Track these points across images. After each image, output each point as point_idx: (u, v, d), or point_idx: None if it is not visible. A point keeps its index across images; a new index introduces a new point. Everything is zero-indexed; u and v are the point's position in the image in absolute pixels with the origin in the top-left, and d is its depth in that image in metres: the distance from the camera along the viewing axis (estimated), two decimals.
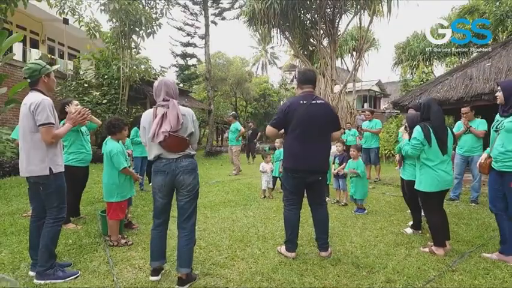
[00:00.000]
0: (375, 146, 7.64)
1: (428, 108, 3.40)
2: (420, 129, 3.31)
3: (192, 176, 2.59)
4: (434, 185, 3.31)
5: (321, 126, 3.07)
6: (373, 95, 29.96)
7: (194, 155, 2.70)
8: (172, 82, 2.68)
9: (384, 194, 6.39)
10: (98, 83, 12.05)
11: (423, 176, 3.35)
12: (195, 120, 2.70)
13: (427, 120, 3.38)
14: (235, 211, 5.00)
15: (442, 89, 7.41)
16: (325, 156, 3.15)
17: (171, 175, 2.55)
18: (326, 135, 3.16)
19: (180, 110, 2.56)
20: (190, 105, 14.99)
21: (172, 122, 2.47)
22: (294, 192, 3.15)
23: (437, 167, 3.31)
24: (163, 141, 2.48)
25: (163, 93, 2.58)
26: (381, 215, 4.81)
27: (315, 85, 3.25)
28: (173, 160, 2.55)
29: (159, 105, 2.58)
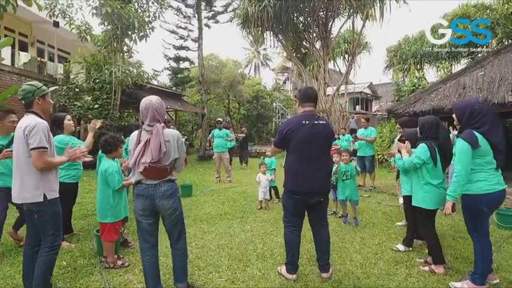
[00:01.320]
0: (370, 154, 7.66)
1: (436, 127, 3.35)
2: (426, 148, 3.29)
3: (171, 200, 2.59)
4: (438, 203, 3.33)
5: (322, 147, 3.05)
6: (365, 98, 30.18)
7: (175, 179, 2.69)
8: (158, 103, 2.61)
9: (380, 203, 6.40)
10: (89, 88, 11.83)
11: (428, 194, 3.31)
12: (181, 144, 2.65)
13: (433, 139, 3.35)
14: (233, 224, 4.94)
15: (436, 97, 7.47)
16: (326, 177, 3.12)
17: (150, 199, 2.56)
18: (327, 156, 3.14)
19: (165, 135, 2.53)
20: (183, 109, 14.89)
21: (154, 152, 2.47)
22: (295, 213, 3.10)
23: (440, 186, 3.33)
24: (143, 171, 2.48)
25: (149, 118, 2.56)
26: (378, 228, 4.80)
27: (316, 103, 3.22)
28: (152, 185, 2.56)
29: (144, 130, 2.57)
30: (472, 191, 2.75)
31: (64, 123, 4.15)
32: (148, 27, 12.10)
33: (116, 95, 11.73)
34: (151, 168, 2.48)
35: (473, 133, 2.74)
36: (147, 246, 2.68)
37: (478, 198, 2.75)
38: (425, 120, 3.48)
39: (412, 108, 7.59)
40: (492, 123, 2.77)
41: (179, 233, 2.73)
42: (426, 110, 7.32)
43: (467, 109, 2.86)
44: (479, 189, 2.73)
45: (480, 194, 2.73)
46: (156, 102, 2.58)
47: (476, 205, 2.77)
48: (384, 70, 25.38)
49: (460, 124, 2.96)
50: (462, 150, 2.73)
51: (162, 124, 2.58)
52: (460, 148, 2.75)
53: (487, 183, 2.73)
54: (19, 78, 10.62)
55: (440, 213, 5.39)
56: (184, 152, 2.70)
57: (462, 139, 2.75)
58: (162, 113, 2.63)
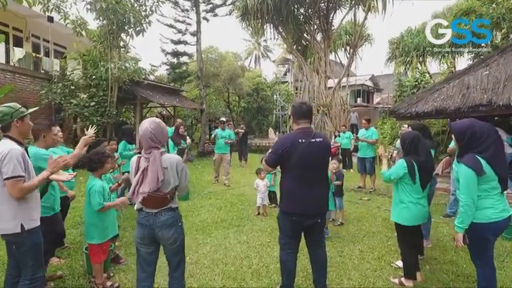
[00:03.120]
0: (371, 156, 7.50)
1: (416, 143, 3.28)
2: (404, 164, 3.19)
3: (171, 230, 2.45)
4: (413, 219, 3.28)
5: (319, 166, 2.89)
6: (367, 90, 29.87)
7: (176, 207, 2.54)
8: (153, 128, 2.40)
9: (380, 208, 6.27)
10: (85, 85, 11.63)
11: (404, 210, 3.27)
12: (182, 169, 2.47)
13: (414, 154, 3.24)
14: (228, 234, 4.82)
15: (439, 97, 7.25)
16: (324, 197, 2.97)
17: (149, 228, 2.44)
18: (325, 175, 2.98)
19: (163, 162, 2.37)
20: (182, 105, 14.68)
21: (151, 181, 2.31)
22: (291, 235, 2.96)
23: (418, 202, 3.26)
24: (142, 201, 2.35)
25: (147, 143, 2.39)
26: (378, 239, 4.67)
27: (312, 119, 3.05)
28: (152, 214, 2.43)
29: (144, 156, 2.41)
30: (478, 219, 2.58)
31: None
32: (145, 22, 11.83)
33: (113, 91, 11.54)
34: (150, 198, 2.34)
35: (477, 159, 2.53)
36: (144, 276, 2.56)
37: (484, 227, 2.58)
38: (405, 136, 3.42)
39: (414, 109, 7.39)
40: (495, 148, 2.55)
41: (178, 262, 2.60)
42: (429, 111, 7.12)
43: (467, 131, 2.62)
44: (486, 218, 2.56)
45: (487, 222, 2.56)
46: (151, 128, 2.38)
47: (483, 234, 2.61)
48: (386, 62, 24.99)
49: (459, 146, 2.73)
50: (466, 177, 2.54)
51: (162, 150, 2.43)
52: (464, 175, 2.56)
53: (494, 210, 2.56)
54: (13, 75, 10.41)
55: (443, 224, 5.30)
56: (187, 178, 2.53)
57: (465, 165, 2.55)
58: (160, 138, 2.44)
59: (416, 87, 12.45)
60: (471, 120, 2.74)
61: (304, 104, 3.05)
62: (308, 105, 3.04)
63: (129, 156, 6.25)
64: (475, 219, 2.59)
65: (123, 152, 6.19)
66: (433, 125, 10.88)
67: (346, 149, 10.78)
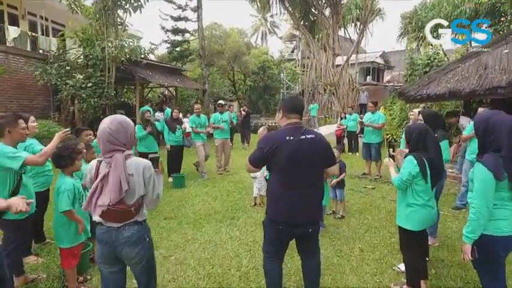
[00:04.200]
0: (377, 142, 7.06)
1: (424, 137, 2.86)
2: (415, 162, 2.78)
3: (137, 248, 2.08)
4: (422, 224, 2.91)
5: (311, 167, 2.49)
6: (377, 67, 28.82)
7: (144, 220, 2.17)
8: (118, 125, 2.03)
9: (384, 198, 5.90)
10: (82, 65, 11.24)
11: (412, 214, 2.87)
12: (150, 178, 2.08)
13: (422, 150, 2.84)
14: (221, 229, 4.54)
15: (453, 78, 6.69)
16: (317, 204, 2.60)
17: (110, 246, 2.07)
18: (318, 177, 2.60)
19: (128, 167, 2.00)
20: (183, 85, 14.22)
21: (113, 192, 1.93)
22: (276, 245, 2.63)
23: (427, 204, 2.87)
24: (101, 215, 1.98)
25: (106, 147, 2.01)
26: (381, 235, 4.33)
27: (302, 114, 2.65)
28: (114, 229, 2.06)
29: (104, 160, 2.04)
30: (488, 230, 2.19)
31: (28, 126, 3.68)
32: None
33: (110, 72, 11.16)
34: (111, 212, 1.97)
35: (498, 160, 2.13)
36: None
37: (495, 241, 2.19)
38: (412, 129, 2.98)
39: (425, 91, 6.85)
40: None
41: (147, 281, 2.24)
42: (441, 93, 6.60)
43: (480, 125, 2.24)
44: (498, 231, 2.18)
45: (498, 236, 2.18)
46: (110, 128, 2.00)
47: (493, 248, 2.23)
48: (398, 38, 23.89)
49: (478, 141, 2.33)
50: (484, 181, 2.15)
51: (127, 153, 2.04)
52: (481, 178, 2.16)
53: (508, 223, 2.18)
54: (6, 56, 10.07)
55: (452, 218, 4.92)
56: (155, 189, 2.13)
57: (484, 166, 2.16)
58: (123, 139, 2.04)
59: (428, 66, 11.72)
60: (492, 112, 2.32)
61: (296, 97, 2.71)
62: (300, 100, 2.68)
63: None
64: (484, 231, 2.22)
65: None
66: (445, 106, 10.31)
67: (352, 131, 10.33)
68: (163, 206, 5.45)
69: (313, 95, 20.16)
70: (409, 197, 2.89)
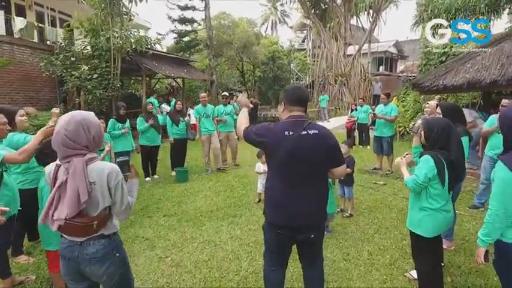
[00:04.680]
0: (389, 135, 6.70)
1: (447, 135, 2.54)
2: (432, 162, 2.48)
3: (104, 265, 1.81)
4: (436, 229, 2.62)
5: (314, 165, 2.23)
6: (390, 57, 28.01)
7: (113, 233, 1.88)
8: (76, 125, 1.70)
9: (396, 195, 5.59)
10: (87, 56, 11.09)
11: (426, 218, 2.58)
12: (118, 185, 1.78)
13: (442, 149, 2.53)
14: (221, 228, 4.32)
15: (473, 67, 6.26)
16: (320, 206, 2.34)
17: (73, 262, 1.80)
18: (322, 177, 2.33)
19: (89, 173, 1.69)
20: (190, 76, 13.97)
21: (70, 204, 1.65)
22: (276, 251, 2.39)
23: (443, 208, 2.57)
24: (59, 229, 1.72)
25: (62, 150, 1.71)
26: (391, 236, 4.05)
27: (306, 107, 2.37)
28: (76, 243, 1.79)
29: (63, 166, 1.74)
30: (506, 237, 1.94)
31: (16, 120, 3.51)
32: None
33: (116, 63, 10.98)
34: (70, 226, 1.70)
35: None
36: None
37: None
38: (433, 124, 2.62)
39: (442, 81, 6.44)
40: None
41: None
42: (459, 84, 6.19)
43: (507, 120, 2.01)
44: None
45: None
46: (66, 130, 1.69)
47: (509, 256, 1.97)
48: (412, 26, 23.06)
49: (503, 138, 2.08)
50: (504, 181, 1.89)
51: (89, 156, 1.73)
52: (501, 178, 1.91)
53: None
54: (11, 47, 9.97)
55: (469, 218, 4.60)
56: (124, 198, 1.82)
57: (505, 165, 1.90)
58: (84, 140, 1.73)
59: (445, 55, 11.17)
60: None
61: (299, 88, 2.38)
62: (303, 90, 2.37)
63: (118, 136, 5.80)
64: (504, 238, 2.00)
65: (111, 131, 5.72)
66: (461, 98, 9.82)
67: (363, 124, 9.96)
68: (164, 202, 5.28)
69: (323, 86, 19.68)
70: (423, 200, 2.60)
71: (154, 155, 6.80)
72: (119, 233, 1.95)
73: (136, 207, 5.02)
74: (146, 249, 3.72)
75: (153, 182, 6.47)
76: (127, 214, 1.91)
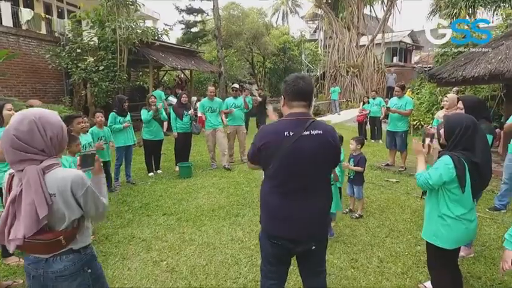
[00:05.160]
0: (403, 130, 6.34)
1: (472, 134, 2.22)
2: (451, 164, 2.17)
3: (73, 283, 1.59)
4: (456, 241, 2.32)
5: (316, 170, 1.96)
6: (404, 47, 27.16)
7: (83, 247, 1.65)
8: (30, 125, 1.45)
9: (409, 194, 5.26)
10: (93, 47, 10.93)
11: (445, 228, 2.29)
12: (86, 193, 1.53)
13: (465, 150, 2.22)
14: (222, 228, 4.10)
15: (495, 58, 5.81)
16: (323, 215, 2.07)
17: (38, 280, 1.58)
18: (325, 183, 2.07)
19: (47, 184, 1.44)
20: (198, 67, 13.71)
21: (28, 222, 1.40)
22: (274, 263, 2.14)
23: (465, 217, 2.27)
24: (18, 248, 1.48)
25: (12, 154, 1.45)
26: (404, 240, 3.75)
27: (311, 101, 2.08)
28: (41, 260, 1.57)
29: (16, 174, 1.51)
30: None
31: (3, 114, 3.34)
32: None
33: (122, 54, 10.80)
34: (31, 245, 1.47)
35: None
36: None
37: None
38: (456, 121, 2.29)
39: (461, 73, 6.02)
40: None
41: None
42: (480, 75, 5.76)
43: None
44: None
45: None
46: (18, 127, 1.44)
47: None
48: (428, 15, 22.26)
49: None
50: None
51: (46, 163, 1.47)
52: None
53: None
54: (17, 39, 9.87)
55: (489, 221, 4.25)
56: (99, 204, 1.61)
57: None
58: (40, 143, 1.47)
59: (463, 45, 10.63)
60: None
61: (302, 78, 2.01)
62: (307, 81, 2.01)
63: (119, 130, 5.62)
64: None
65: (112, 125, 5.53)
66: (480, 90, 9.32)
67: (376, 117, 9.58)
68: (165, 199, 5.08)
69: (335, 77, 19.16)
70: (442, 206, 2.31)
71: (158, 149, 6.61)
72: (92, 246, 1.73)
73: (136, 205, 4.85)
74: (141, 252, 3.53)
75: (156, 178, 6.28)
76: (103, 217, 1.71)
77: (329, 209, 2.13)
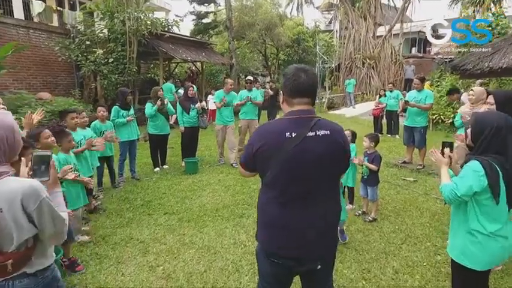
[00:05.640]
0: (422, 125, 5.92)
1: (504, 135, 1.87)
2: (482, 171, 1.84)
3: None
4: (488, 262, 1.98)
5: (323, 177, 1.67)
6: (424, 38, 26.08)
7: (42, 269, 1.44)
8: None
9: (428, 195, 4.89)
10: (103, 39, 10.81)
11: (474, 247, 1.96)
12: (40, 207, 1.31)
13: (497, 154, 1.87)
14: (225, 230, 3.86)
15: None
16: (330, 230, 1.79)
17: None
18: (332, 191, 1.77)
19: None
20: (208, 59, 13.45)
21: None
22: (273, 283, 1.86)
23: (499, 233, 1.92)
24: None
25: None
26: (422, 248, 3.42)
27: (315, 97, 1.78)
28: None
29: None
30: None
31: None
32: None
33: (132, 46, 10.64)
34: None
35: None
36: None
37: None
38: (485, 120, 1.95)
39: (487, 63, 5.55)
40: None
41: None
42: (509, 66, 5.28)
43: None
44: None
45: None
46: None
47: None
48: (450, 4, 21.34)
49: None
50: None
51: None
52: None
53: None
54: (27, 31, 9.81)
55: None
56: (57, 220, 1.38)
57: None
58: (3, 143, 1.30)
59: None
60: None
61: (303, 71, 1.69)
62: (309, 74, 1.69)
63: (123, 124, 5.44)
64: None
65: (115, 119, 5.34)
66: (505, 82, 8.73)
67: (393, 111, 9.13)
68: (168, 197, 4.88)
69: (350, 69, 18.56)
70: (471, 221, 1.97)
71: (164, 144, 6.41)
72: (54, 266, 1.51)
73: (138, 203, 4.67)
74: (138, 255, 3.33)
75: (162, 173, 6.10)
76: (62, 237, 1.46)
77: (338, 220, 1.85)
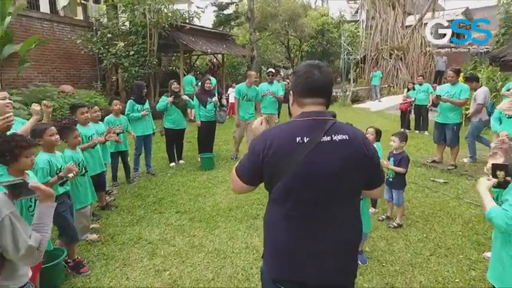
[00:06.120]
0: (455, 122, 5.43)
1: None
2: None
3: None
4: None
5: (340, 191, 1.40)
6: None
7: None
8: None
9: (460, 199, 4.47)
10: (125, 32, 10.82)
11: None
12: (3, 223, 1.19)
13: None
14: (237, 232, 3.65)
15: None
16: (348, 252, 1.51)
17: None
18: (351, 208, 1.50)
19: None
20: (229, 52, 13.21)
21: None
22: None
23: None
24: None
25: None
26: (454, 261, 3.07)
27: (329, 98, 1.50)
28: None
29: None
30: None
31: None
32: None
33: (152, 38, 10.59)
34: None
35: None
36: None
37: None
38: None
39: None
40: None
41: None
42: None
43: None
44: None
45: None
46: None
47: None
48: None
49: None
50: None
51: None
52: None
53: None
54: (51, 24, 9.94)
55: None
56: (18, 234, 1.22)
57: None
58: None
59: None
60: None
61: (317, 67, 1.43)
62: (324, 71, 1.42)
63: (138, 119, 5.32)
64: None
65: (130, 113, 5.24)
66: None
67: (422, 105, 8.56)
68: (181, 195, 4.73)
69: (376, 61, 17.78)
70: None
71: (180, 138, 6.27)
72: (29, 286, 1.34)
73: (150, 200, 4.55)
74: (145, 257, 3.19)
75: (177, 169, 5.96)
76: (32, 258, 1.28)
77: (359, 241, 1.58)
